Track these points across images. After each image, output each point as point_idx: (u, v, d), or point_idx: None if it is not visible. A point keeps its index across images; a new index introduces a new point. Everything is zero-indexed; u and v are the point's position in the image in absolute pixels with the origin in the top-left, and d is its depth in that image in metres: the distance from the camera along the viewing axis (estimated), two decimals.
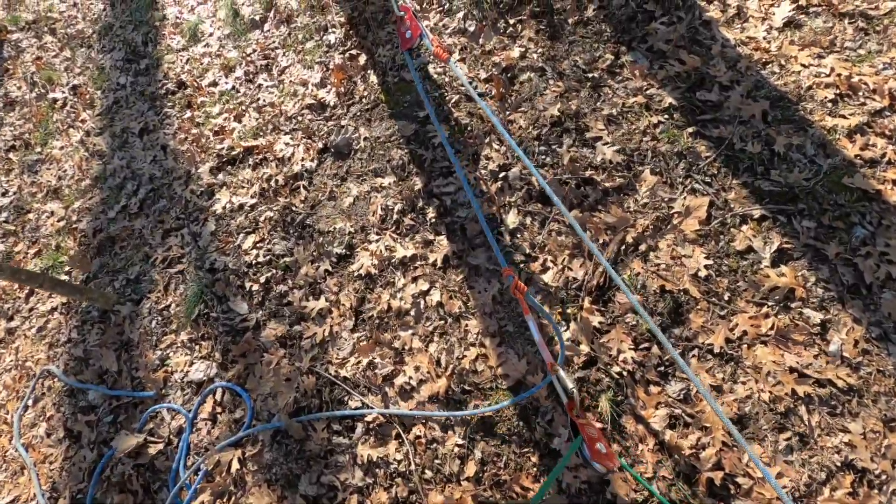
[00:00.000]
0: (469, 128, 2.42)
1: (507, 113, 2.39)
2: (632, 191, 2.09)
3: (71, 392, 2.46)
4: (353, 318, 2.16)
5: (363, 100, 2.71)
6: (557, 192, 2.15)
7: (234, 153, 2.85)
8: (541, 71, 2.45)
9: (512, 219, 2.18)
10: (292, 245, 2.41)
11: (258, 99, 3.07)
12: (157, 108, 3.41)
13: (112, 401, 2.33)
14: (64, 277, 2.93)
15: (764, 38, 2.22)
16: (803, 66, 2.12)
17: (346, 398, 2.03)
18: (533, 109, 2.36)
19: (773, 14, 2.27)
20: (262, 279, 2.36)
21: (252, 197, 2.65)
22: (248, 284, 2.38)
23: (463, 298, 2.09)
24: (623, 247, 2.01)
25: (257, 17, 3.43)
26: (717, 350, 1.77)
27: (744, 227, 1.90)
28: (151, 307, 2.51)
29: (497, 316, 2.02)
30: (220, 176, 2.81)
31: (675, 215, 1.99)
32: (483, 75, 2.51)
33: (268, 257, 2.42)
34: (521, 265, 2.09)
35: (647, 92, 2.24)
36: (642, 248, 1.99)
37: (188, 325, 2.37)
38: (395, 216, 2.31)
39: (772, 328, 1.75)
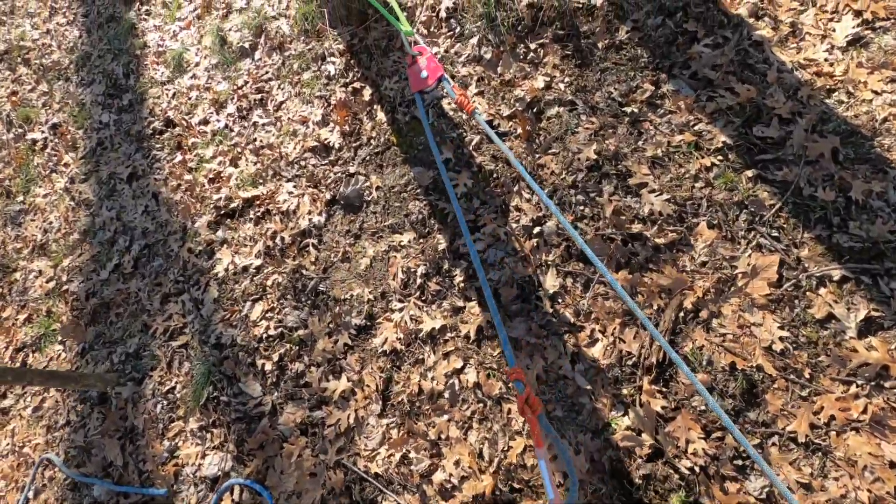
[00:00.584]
0: (494, 174, 2.17)
1: (537, 156, 2.14)
2: (687, 247, 1.85)
3: (74, 485, 2.25)
4: (381, 402, 1.94)
5: (371, 141, 2.45)
6: (601, 251, 1.92)
7: (232, 205, 2.60)
8: (570, 105, 2.19)
9: (551, 281, 1.94)
10: (305, 315, 2.18)
11: (254, 139, 2.80)
12: (144, 151, 3.14)
13: (120, 498, 2.12)
14: (58, 347, 2.71)
15: (826, 60, 1.96)
16: (875, 92, 1.86)
17: (379, 498, 1.82)
18: (565, 151, 2.11)
19: (834, 31, 2.00)
20: (275, 356, 2.13)
21: (256, 257, 2.40)
22: (259, 362, 2.15)
23: (502, 377, 1.87)
24: (681, 313, 1.78)
25: (246, 45, 3.14)
26: (801, 439, 1.55)
27: (822, 291, 1.67)
28: (155, 388, 2.29)
29: (543, 398, 1.80)
30: (220, 232, 2.56)
31: (740, 276, 1.76)
32: (505, 112, 2.25)
33: (279, 329, 2.19)
34: (566, 336, 1.86)
35: (695, 128, 1.99)
36: (703, 314, 1.76)
37: (197, 411, 2.15)
38: (418, 280, 2.08)
39: (864, 412, 1.53)
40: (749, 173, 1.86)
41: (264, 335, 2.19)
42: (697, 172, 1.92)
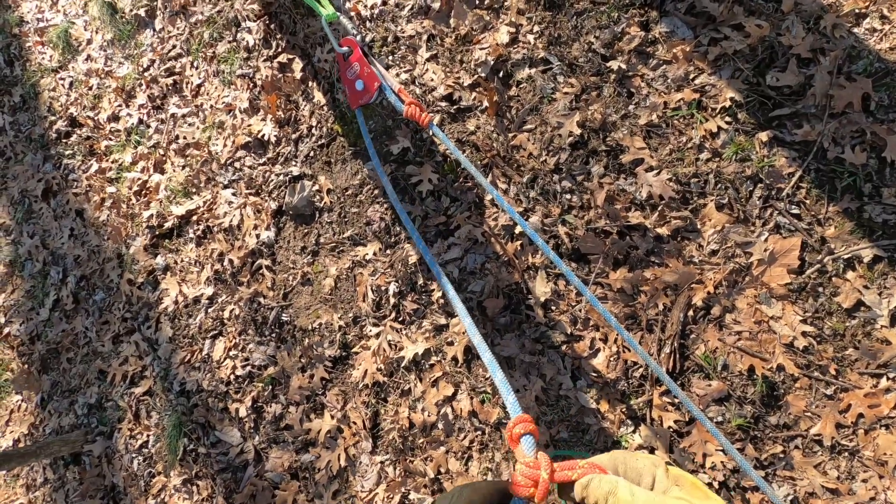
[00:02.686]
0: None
1: (510, 136, 1.79)
2: (693, 234, 1.60)
3: None
4: (371, 439, 1.79)
5: (313, 132, 2.05)
6: (595, 248, 1.66)
7: (167, 224, 2.25)
8: (543, 64, 1.80)
9: (541, 287, 1.71)
10: (272, 351, 1.95)
11: (177, 137, 2.37)
12: (54, 160, 2.69)
13: None
14: (17, 398, 2.48)
15: None
16: None
17: None
18: (543, 125, 1.76)
19: None
20: (248, 400, 1.93)
21: (206, 285, 2.11)
22: (233, 407, 1.96)
23: (499, 401, 1.70)
24: (690, 312, 1.58)
25: (142, 11, 2.56)
26: (826, 441, 1.43)
27: (850, 275, 1.46)
28: (126, 443, 2.11)
29: (545, 419, 1.65)
30: (160, 259, 2.24)
31: (756, 264, 1.53)
32: (466, 80, 1.85)
33: (247, 369, 1.97)
34: (563, 348, 1.67)
35: (697, 81, 1.64)
36: (716, 311, 1.56)
37: (176, 464, 1.99)
38: (391, 299, 1.82)
39: (895, 408, 1.40)
40: (763, 136, 1.55)
41: (231, 377, 1.98)
42: (702, 140, 1.61)
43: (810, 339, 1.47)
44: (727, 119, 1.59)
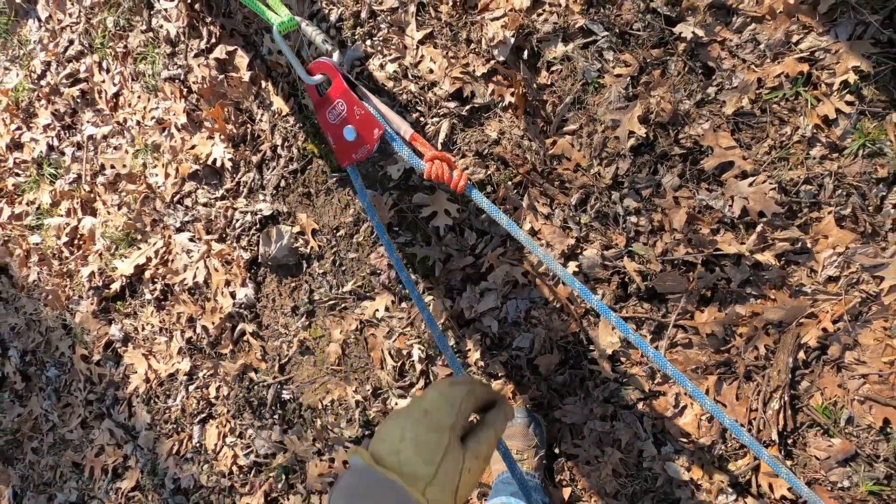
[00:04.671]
0: (487, 185, 1.39)
1: (547, 142, 1.34)
2: (804, 257, 1.23)
3: None
4: None
5: (279, 153, 1.56)
6: (676, 286, 1.29)
7: (114, 285, 1.79)
8: (583, 35, 1.31)
9: (607, 337, 1.35)
10: (278, 436, 1.60)
11: (102, 167, 1.84)
12: None
13: None
14: None
15: None
16: None
17: None
18: (591, 124, 1.31)
19: None
20: (260, 494, 1.61)
21: (181, 358, 1.71)
22: (243, 503, 1.64)
23: (567, 478, 1.40)
24: (801, 354, 1.26)
25: None
26: None
27: None
28: None
29: (625, 492, 1.37)
30: (115, 328, 1.80)
31: (887, 290, 1.19)
32: (479, 68, 1.36)
33: (250, 458, 1.63)
34: (640, 407, 1.35)
35: (802, 46, 1.19)
36: (833, 350, 1.24)
37: None
38: (417, 365, 1.46)
39: None
40: None
41: (234, 468, 1.64)
42: (814, 131, 1.19)
43: None
44: (848, 98, 1.17)
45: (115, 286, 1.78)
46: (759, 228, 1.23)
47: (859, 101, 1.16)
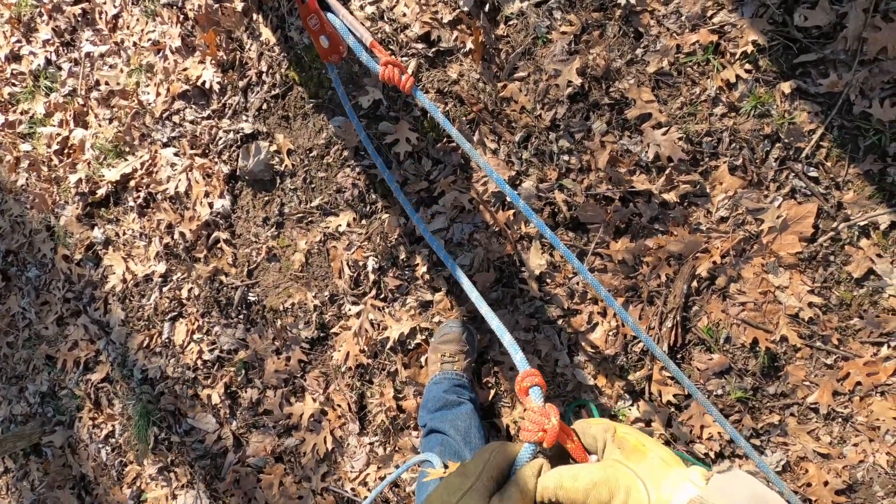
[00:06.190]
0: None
1: (499, 86, 1.54)
2: (702, 200, 1.46)
3: None
4: (358, 421, 1.70)
5: (264, 79, 1.73)
6: (595, 216, 1.51)
7: (100, 190, 1.94)
8: None
9: (535, 259, 1.57)
10: (241, 334, 1.77)
11: (97, 83, 1.98)
12: None
13: None
14: None
15: None
16: None
17: None
18: (537, 73, 1.52)
19: None
20: (220, 386, 1.79)
21: (157, 261, 1.87)
22: (204, 394, 1.81)
23: (492, 381, 1.61)
24: (694, 283, 1.49)
25: None
26: (823, 410, 1.43)
27: (863, 243, 1.37)
28: (90, 433, 1.96)
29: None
30: (98, 231, 1.95)
31: (766, 231, 1.42)
32: (446, 16, 1.55)
33: (214, 353, 1.80)
34: (559, 322, 1.57)
35: (715, 20, 1.41)
36: (720, 281, 1.47)
37: (148, 453, 1.87)
38: (371, 276, 1.65)
39: (893, 375, 1.39)
40: (785, 87, 1.38)
41: (199, 362, 1.81)
42: (718, 92, 1.42)
43: (816, 309, 1.41)
44: (747, 67, 1.40)
45: (102, 192, 1.93)
46: (667, 171, 1.45)
47: (755, 69, 1.39)
